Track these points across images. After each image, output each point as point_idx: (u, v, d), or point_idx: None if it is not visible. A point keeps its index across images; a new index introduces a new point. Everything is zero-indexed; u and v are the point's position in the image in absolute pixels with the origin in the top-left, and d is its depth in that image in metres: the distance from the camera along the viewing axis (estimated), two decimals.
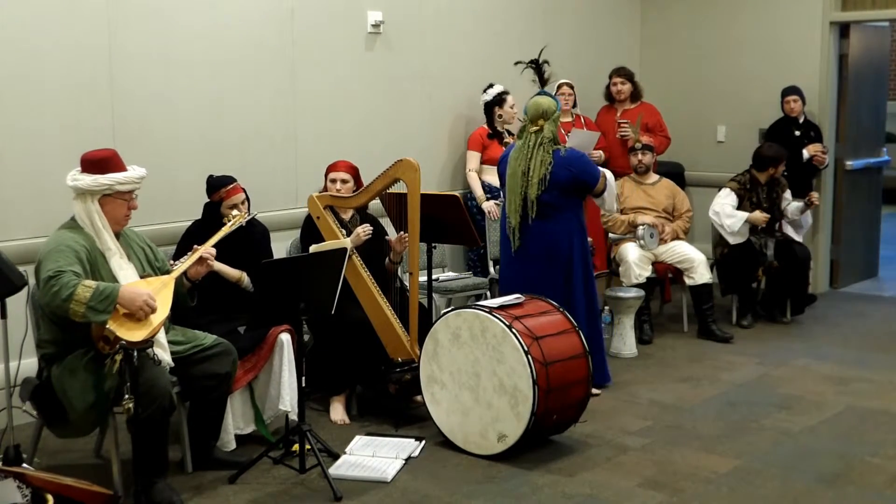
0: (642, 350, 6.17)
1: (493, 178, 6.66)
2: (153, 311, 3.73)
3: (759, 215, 6.62)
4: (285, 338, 4.52)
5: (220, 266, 4.49)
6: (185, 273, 4.06)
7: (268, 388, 4.54)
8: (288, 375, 4.49)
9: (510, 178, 5.16)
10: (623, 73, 7.37)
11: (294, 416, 4.44)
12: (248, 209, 4.70)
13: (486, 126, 6.78)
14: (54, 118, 4.88)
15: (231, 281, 4.66)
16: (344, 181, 5.11)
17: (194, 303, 4.23)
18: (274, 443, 4.34)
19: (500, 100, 6.71)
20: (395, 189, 4.95)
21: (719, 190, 6.83)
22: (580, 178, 5.12)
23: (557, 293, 5.06)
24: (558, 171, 5.06)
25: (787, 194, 6.88)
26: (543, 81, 6.28)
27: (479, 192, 6.62)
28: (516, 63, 6.57)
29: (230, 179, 4.70)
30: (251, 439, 4.54)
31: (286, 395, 4.48)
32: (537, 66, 6.33)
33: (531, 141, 5.11)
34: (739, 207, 6.66)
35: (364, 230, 4.97)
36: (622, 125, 7.20)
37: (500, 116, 6.71)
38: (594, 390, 5.32)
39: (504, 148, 6.70)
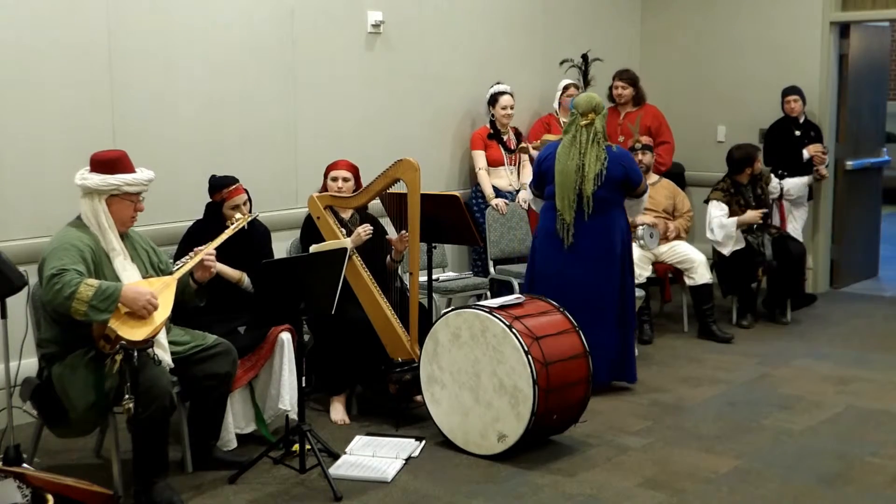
0: (642, 350, 6.16)
1: (496, 180, 6.67)
2: (155, 308, 3.74)
3: (753, 214, 6.61)
4: (286, 337, 4.52)
5: (220, 267, 4.49)
6: (192, 275, 4.06)
7: (268, 387, 4.54)
8: (288, 375, 4.49)
9: (560, 174, 5.12)
10: (625, 76, 7.22)
11: (294, 416, 4.44)
12: (250, 210, 4.70)
13: (487, 126, 6.78)
14: (55, 118, 4.88)
15: (231, 281, 4.66)
16: (345, 179, 5.11)
17: (203, 303, 4.23)
18: (274, 443, 4.34)
19: (493, 99, 6.71)
20: (395, 189, 4.95)
21: (706, 202, 6.82)
22: (630, 175, 5.19)
23: (614, 289, 5.14)
24: (612, 167, 5.10)
25: (774, 183, 6.89)
26: (587, 81, 6.28)
27: (488, 190, 6.63)
28: (562, 62, 6.57)
29: (233, 180, 4.70)
30: (251, 439, 4.54)
31: (286, 394, 4.48)
32: (586, 63, 6.31)
33: (583, 136, 5.11)
34: (729, 213, 6.66)
35: (365, 230, 4.97)
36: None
37: (493, 116, 6.71)
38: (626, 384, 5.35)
39: (502, 149, 6.71)
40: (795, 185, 6.89)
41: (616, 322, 5.23)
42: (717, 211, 6.67)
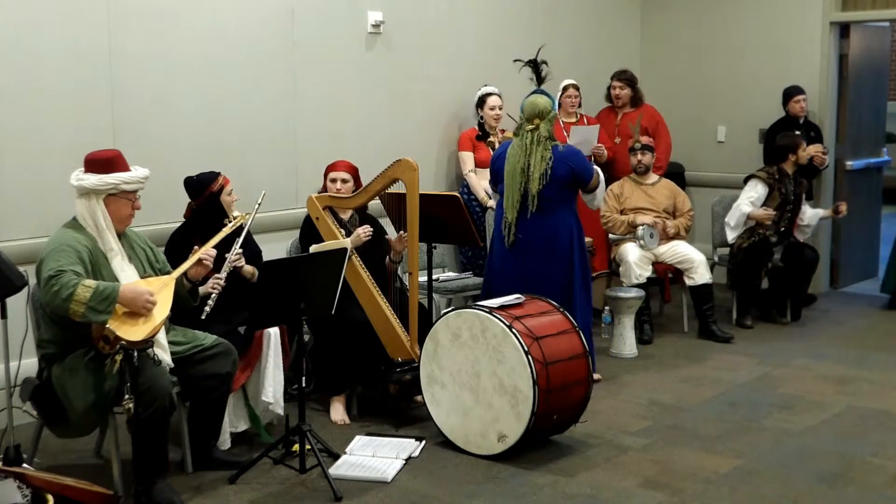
0: (642, 350, 6.17)
1: (484, 181, 6.65)
2: (154, 307, 3.74)
3: (762, 213, 6.62)
4: (272, 331, 4.51)
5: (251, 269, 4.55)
6: (185, 274, 4.07)
7: (258, 385, 4.54)
8: (272, 368, 4.50)
9: (508, 175, 5.19)
10: (623, 77, 7.24)
11: (277, 410, 4.49)
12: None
13: (476, 127, 6.76)
14: (54, 118, 4.88)
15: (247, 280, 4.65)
16: (344, 181, 5.11)
17: (196, 303, 4.24)
18: (274, 443, 4.34)
19: (481, 101, 6.70)
20: (394, 189, 4.96)
21: (745, 181, 6.81)
22: (578, 172, 5.21)
23: (557, 286, 5.13)
24: (558, 165, 5.14)
25: (810, 214, 6.90)
26: (540, 80, 6.29)
27: (481, 193, 6.61)
28: (515, 60, 6.59)
29: (215, 172, 4.69)
30: (250, 439, 4.54)
31: (269, 387, 4.48)
32: (535, 64, 6.36)
33: (528, 139, 5.17)
34: (768, 198, 6.67)
35: (364, 231, 4.97)
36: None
37: (481, 118, 6.70)
38: (595, 375, 5.32)
39: (490, 150, 6.70)
40: (811, 215, 6.91)
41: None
42: (751, 192, 6.68)
